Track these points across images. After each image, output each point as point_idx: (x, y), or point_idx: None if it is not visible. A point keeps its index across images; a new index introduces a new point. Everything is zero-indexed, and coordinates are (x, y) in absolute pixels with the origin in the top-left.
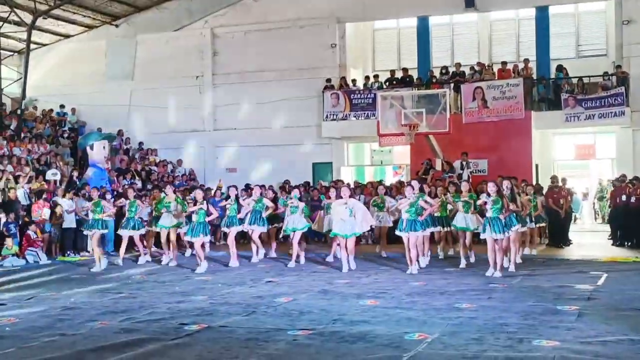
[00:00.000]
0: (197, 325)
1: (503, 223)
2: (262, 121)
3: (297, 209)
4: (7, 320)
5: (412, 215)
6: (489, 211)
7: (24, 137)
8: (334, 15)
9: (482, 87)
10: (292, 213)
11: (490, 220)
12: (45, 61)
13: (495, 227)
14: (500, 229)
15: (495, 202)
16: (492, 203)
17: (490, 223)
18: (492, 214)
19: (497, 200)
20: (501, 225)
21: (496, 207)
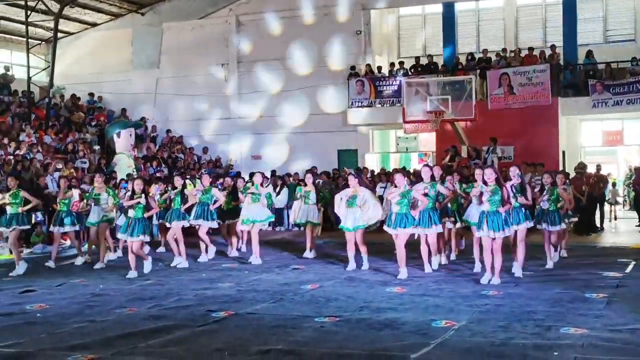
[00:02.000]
0: (224, 312)
1: (503, 218)
2: (287, 108)
3: (259, 197)
4: (37, 306)
5: (402, 207)
6: (485, 203)
7: (52, 125)
8: (359, 2)
9: (508, 74)
10: (253, 202)
11: (487, 215)
12: (72, 50)
13: (493, 223)
14: (499, 225)
15: (494, 192)
16: (489, 193)
17: (488, 218)
18: (489, 207)
19: (496, 190)
20: (500, 220)
21: (494, 198)
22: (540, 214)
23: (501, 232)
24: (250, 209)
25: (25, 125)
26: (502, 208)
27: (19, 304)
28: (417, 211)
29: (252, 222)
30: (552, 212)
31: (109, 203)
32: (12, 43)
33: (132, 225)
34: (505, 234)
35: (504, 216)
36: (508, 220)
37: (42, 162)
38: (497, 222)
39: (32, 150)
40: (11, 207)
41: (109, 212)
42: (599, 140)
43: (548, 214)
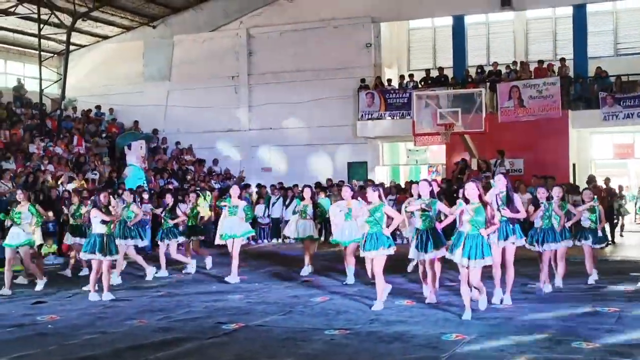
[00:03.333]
0: (234, 325)
1: (481, 243)
2: (297, 121)
3: (236, 210)
4: (49, 317)
5: (372, 226)
6: (465, 224)
7: (63, 137)
8: (369, 15)
9: (518, 86)
10: (230, 215)
11: (465, 238)
12: (83, 62)
13: (471, 249)
14: (477, 251)
15: (477, 211)
16: (471, 213)
17: (466, 242)
18: (470, 229)
19: (479, 210)
20: (479, 246)
21: (477, 219)
22: (534, 233)
23: (479, 260)
24: (227, 224)
25: (36, 137)
26: (484, 230)
27: (31, 315)
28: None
29: (232, 237)
30: (547, 230)
31: (31, 223)
32: (25, 56)
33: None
34: (484, 262)
35: (485, 240)
36: (486, 247)
37: (54, 173)
38: (477, 248)
39: (43, 162)
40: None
41: (32, 233)
42: (609, 153)
43: (542, 232)
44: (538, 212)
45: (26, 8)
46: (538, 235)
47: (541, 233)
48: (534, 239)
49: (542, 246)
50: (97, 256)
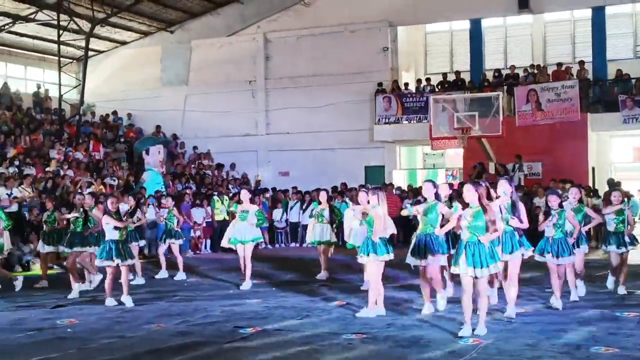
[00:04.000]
0: (251, 329)
1: (488, 251)
2: (315, 125)
3: (246, 215)
4: (68, 321)
5: (369, 230)
6: (464, 231)
7: (82, 142)
8: (385, 19)
9: (536, 90)
10: (241, 220)
11: (466, 246)
12: (102, 68)
13: (474, 257)
14: (482, 260)
15: (476, 216)
16: (470, 218)
17: (467, 251)
18: (469, 236)
19: (478, 214)
20: (480, 254)
21: (476, 224)
22: (545, 243)
23: (484, 269)
24: (237, 228)
25: (56, 143)
26: (484, 236)
27: (50, 319)
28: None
29: (241, 243)
30: (560, 241)
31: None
32: (44, 62)
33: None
34: (490, 270)
35: (488, 248)
36: (494, 253)
37: (73, 178)
38: (481, 256)
39: (63, 167)
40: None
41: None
42: (629, 156)
43: (554, 243)
44: (547, 220)
45: (46, 15)
46: (550, 246)
47: (554, 244)
48: (545, 249)
49: (557, 259)
50: (115, 262)
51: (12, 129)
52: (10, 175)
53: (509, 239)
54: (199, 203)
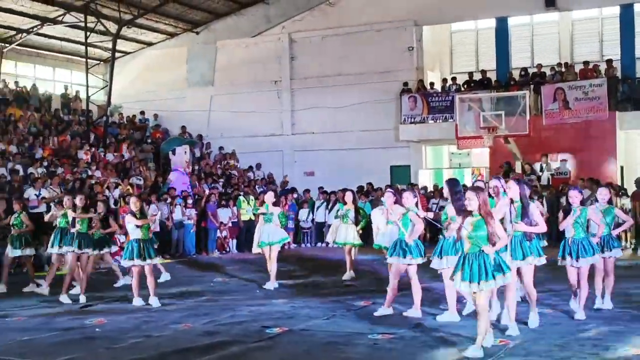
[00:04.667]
0: (278, 329)
1: (492, 262)
2: (340, 125)
3: (271, 217)
4: (96, 321)
5: (401, 232)
6: (465, 242)
7: (109, 144)
8: (411, 18)
9: (563, 88)
10: (266, 222)
11: (465, 258)
12: (128, 69)
13: (472, 270)
14: (480, 273)
15: (477, 225)
16: (470, 227)
17: (465, 264)
18: (469, 247)
19: (479, 224)
20: (482, 266)
21: (478, 234)
22: (565, 244)
23: (484, 282)
24: (264, 231)
25: (84, 144)
26: (488, 247)
27: (79, 318)
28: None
29: (269, 245)
30: (581, 241)
31: None
32: (72, 63)
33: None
34: (494, 284)
35: (492, 260)
36: (501, 264)
37: (100, 179)
38: (481, 269)
39: (91, 168)
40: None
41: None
42: None
43: (575, 244)
44: (568, 219)
45: (73, 17)
46: (570, 247)
47: (574, 245)
48: (565, 251)
49: (577, 261)
50: (137, 262)
51: (41, 130)
52: (38, 176)
53: (518, 244)
54: (225, 203)
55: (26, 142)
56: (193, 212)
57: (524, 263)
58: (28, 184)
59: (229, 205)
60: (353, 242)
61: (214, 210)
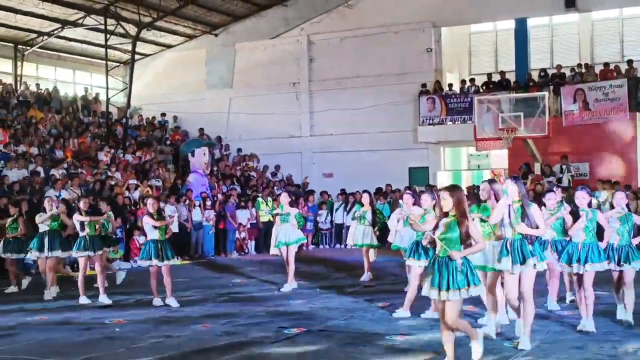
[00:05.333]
0: (296, 329)
1: (454, 269)
2: (358, 126)
3: (288, 217)
4: (116, 321)
5: (418, 235)
6: (437, 245)
7: (129, 145)
8: (429, 20)
9: (583, 89)
10: (283, 223)
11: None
12: (148, 71)
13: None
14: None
15: (450, 226)
16: (444, 226)
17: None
18: (440, 250)
19: (454, 224)
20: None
21: (449, 236)
22: (573, 249)
23: (454, 291)
24: (281, 231)
25: (104, 145)
26: (457, 252)
27: (99, 317)
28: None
29: (286, 245)
30: (590, 246)
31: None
32: (92, 66)
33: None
34: (462, 294)
35: (461, 266)
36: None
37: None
38: (449, 275)
39: (110, 170)
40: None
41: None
42: None
43: (583, 249)
44: (578, 223)
45: (93, 19)
46: (579, 253)
47: (582, 250)
48: (573, 257)
49: (584, 266)
50: (154, 262)
51: (61, 132)
52: (58, 178)
53: (518, 248)
54: (244, 205)
55: (47, 144)
56: (212, 213)
57: (525, 267)
58: (49, 186)
59: (247, 206)
60: (371, 243)
61: (233, 212)
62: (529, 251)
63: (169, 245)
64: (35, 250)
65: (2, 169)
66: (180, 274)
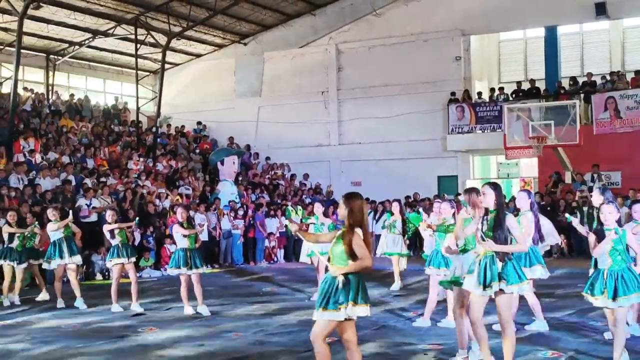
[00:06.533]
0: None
1: (342, 289)
2: (387, 135)
3: (322, 227)
4: (148, 329)
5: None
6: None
7: (159, 155)
8: (458, 28)
9: (614, 97)
10: (316, 232)
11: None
12: (177, 80)
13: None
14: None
15: (337, 239)
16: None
17: (483, 267)
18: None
19: (338, 238)
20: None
21: (334, 248)
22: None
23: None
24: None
25: (134, 154)
26: (336, 267)
27: (132, 326)
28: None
29: (318, 255)
30: (619, 274)
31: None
32: (122, 75)
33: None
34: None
35: (342, 282)
36: (348, 293)
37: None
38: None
39: (141, 178)
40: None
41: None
42: None
43: (611, 277)
44: (604, 244)
45: (124, 29)
46: (606, 282)
47: (610, 278)
48: (595, 287)
49: (614, 301)
50: (183, 271)
51: (92, 141)
52: (89, 186)
53: (484, 267)
54: (273, 213)
55: (78, 152)
56: (241, 222)
57: (488, 292)
58: (80, 194)
59: (277, 215)
60: (400, 252)
61: (262, 220)
62: (496, 273)
63: (198, 254)
64: (57, 259)
65: (35, 177)
66: (211, 282)
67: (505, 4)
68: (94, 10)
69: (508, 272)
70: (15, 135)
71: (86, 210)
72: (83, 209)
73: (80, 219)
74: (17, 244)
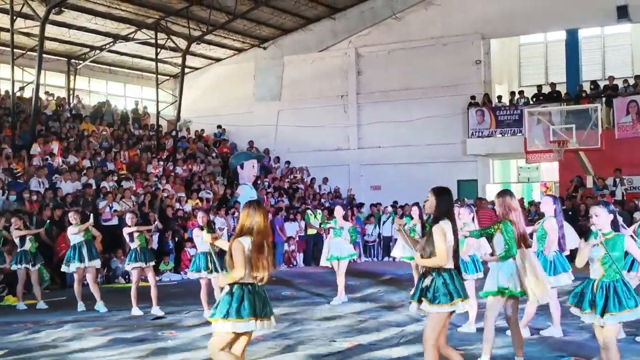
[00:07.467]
0: (347, 343)
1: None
2: (407, 139)
3: (341, 231)
4: (168, 333)
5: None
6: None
7: (179, 159)
8: (478, 32)
9: (636, 101)
10: (336, 236)
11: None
12: (197, 84)
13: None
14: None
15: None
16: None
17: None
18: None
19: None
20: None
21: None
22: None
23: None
24: (333, 245)
25: (154, 157)
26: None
27: (152, 329)
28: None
29: (337, 259)
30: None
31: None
32: (142, 79)
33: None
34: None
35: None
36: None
37: (171, 193)
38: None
39: (161, 182)
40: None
41: None
42: None
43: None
44: (582, 251)
45: (144, 34)
46: (594, 295)
47: (600, 291)
48: (584, 300)
49: (602, 317)
50: (203, 274)
51: (112, 144)
52: (110, 190)
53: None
54: (292, 217)
55: (98, 156)
56: None
57: (414, 308)
58: (100, 198)
59: (296, 219)
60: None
61: (282, 224)
62: (421, 288)
63: (218, 258)
64: (76, 262)
65: (56, 181)
66: None
67: (525, 7)
68: (115, 15)
69: (437, 290)
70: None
71: (109, 214)
72: (106, 212)
73: (102, 222)
74: (30, 246)
